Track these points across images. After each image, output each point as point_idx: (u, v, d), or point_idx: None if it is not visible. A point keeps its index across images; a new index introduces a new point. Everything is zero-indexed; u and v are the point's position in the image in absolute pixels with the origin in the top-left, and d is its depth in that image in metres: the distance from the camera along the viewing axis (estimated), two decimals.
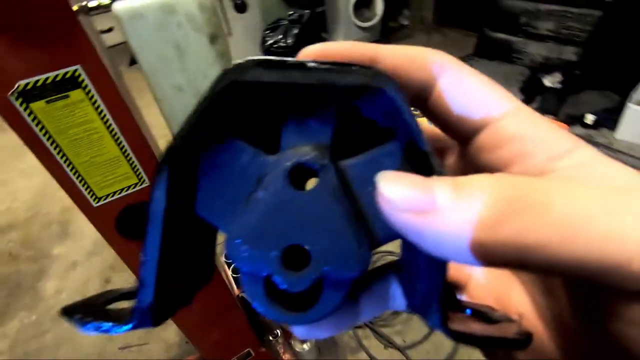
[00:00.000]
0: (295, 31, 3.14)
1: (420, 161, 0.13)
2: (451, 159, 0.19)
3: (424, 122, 0.14)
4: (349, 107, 0.15)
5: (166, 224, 0.14)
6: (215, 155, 0.15)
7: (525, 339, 0.13)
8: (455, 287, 0.18)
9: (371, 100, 0.14)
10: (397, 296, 0.17)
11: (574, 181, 0.12)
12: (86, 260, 2.05)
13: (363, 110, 0.15)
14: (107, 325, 0.14)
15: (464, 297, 0.18)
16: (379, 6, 3.41)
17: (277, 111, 0.15)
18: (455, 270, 0.19)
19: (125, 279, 1.87)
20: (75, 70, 0.54)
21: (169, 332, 1.61)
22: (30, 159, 0.60)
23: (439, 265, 0.13)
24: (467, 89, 0.15)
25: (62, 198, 0.69)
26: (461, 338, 0.13)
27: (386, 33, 3.77)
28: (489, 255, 0.10)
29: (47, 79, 0.53)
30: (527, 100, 2.48)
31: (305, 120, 0.15)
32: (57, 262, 2.07)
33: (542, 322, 0.15)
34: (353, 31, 3.55)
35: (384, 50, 0.15)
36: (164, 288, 0.15)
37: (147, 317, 0.14)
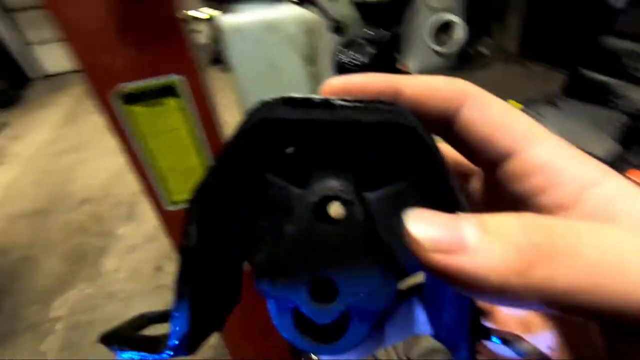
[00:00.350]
0: (370, 50, 3.14)
1: (445, 195, 0.13)
2: (475, 184, 0.19)
3: (446, 147, 0.15)
4: (373, 142, 0.15)
5: (199, 256, 0.15)
6: (245, 188, 0.16)
7: None
8: (482, 313, 0.17)
9: (395, 136, 0.14)
10: (421, 320, 0.18)
11: (605, 223, 0.12)
12: (144, 244, 2.17)
13: (387, 145, 0.15)
14: (145, 355, 0.15)
15: (490, 323, 0.18)
16: (460, 32, 3.30)
17: (304, 145, 0.16)
18: None
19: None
20: (176, 80, 0.55)
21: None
22: (112, 142, 0.62)
23: (467, 301, 0.13)
24: (492, 117, 0.15)
25: (133, 183, 0.72)
26: None
27: (463, 60, 3.63)
28: (518, 298, 0.10)
29: (150, 85, 0.54)
30: (623, 150, 2.21)
31: (330, 154, 0.15)
32: (119, 242, 2.22)
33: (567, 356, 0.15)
34: (428, 55, 3.46)
35: (407, 80, 0.15)
36: (197, 317, 0.15)
37: (183, 347, 0.15)
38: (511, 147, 0.14)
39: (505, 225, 0.11)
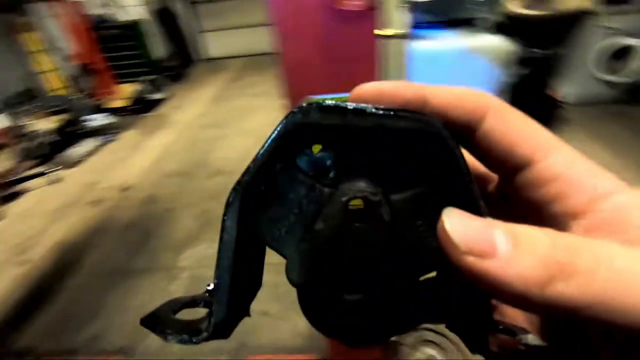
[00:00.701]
0: (521, 71, 2.84)
1: (467, 201, 0.14)
2: (490, 188, 0.20)
3: (465, 153, 0.16)
4: (400, 147, 0.16)
5: (236, 249, 0.16)
6: (276, 186, 0.17)
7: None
8: (492, 307, 0.17)
9: (422, 143, 0.15)
10: (435, 311, 0.19)
11: (620, 247, 0.12)
12: None
13: (413, 150, 0.16)
14: (187, 338, 0.16)
15: (498, 317, 0.18)
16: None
17: (335, 146, 0.16)
18: None
19: None
20: None
21: (303, 321, 1.69)
22: (250, 123, 0.68)
23: (485, 299, 0.15)
24: (513, 128, 0.16)
25: None
26: None
27: (636, 94, 3.01)
28: (534, 306, 0.11)
29: (332, 99, 0.58)
30: None
31: (360, 156, 0.16)
32: None
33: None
34: (591, 84, 2.97)
35: (433, 90, 0.16)
36: (232, 304, 0.16)
37: (221, 330, 0.16)
38: (530, 156, 0.15)
39: (534, 238, 0.12)
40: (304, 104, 0.15)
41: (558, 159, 0.15)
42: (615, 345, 0.12)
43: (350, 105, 0.15)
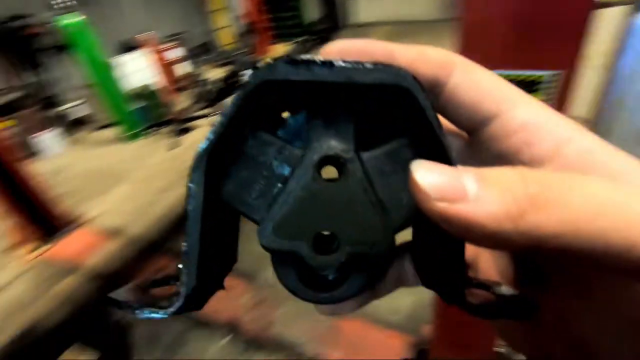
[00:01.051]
0: None
1: (438, 154, 0.14)
2: (460, 147, 0.19)
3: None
4: (371, 102, 0.16)
5: (204, 216, 0.15)
6: (245, 148, 0.16)
7: (531, 309, 0.15)
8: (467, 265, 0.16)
9: (393, 96, 0.15)
10: (410, 273, 0.20)
11: (590, 176, 0.13)
12: None
13: (384, 105, 0.15)
14: (155, 311, 0.15)
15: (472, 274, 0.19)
16: None
17: (304, 106, 0.16)
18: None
19: None
20: (545, 75, 0.50)
21: (404, 300, 1.69)
22: None
23: (458, 247, 0.15)
24: (479, 83, 0.16)
25: None
26: (476, 311, 0.15)
27: None
28: (509, 242, 0.12)
29: (514, 76, 0.51)
30: None
31: (330, 114, 0.16)
32: None
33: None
34: None
35: (399, 48, 0.16)
36: (203, 275, 0.16)
37: (193, 301, 0.16)
38: (495, 109, 0.16)
39: (503, 177, 0.12)
40: (269, 60, 0.14)
41: (523, 110, 0.15)
42: (577, 285, 0.14)
43: (318, 59, 0.14)
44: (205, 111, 4.42)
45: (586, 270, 0.14)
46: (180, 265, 0.15)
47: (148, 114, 4.24)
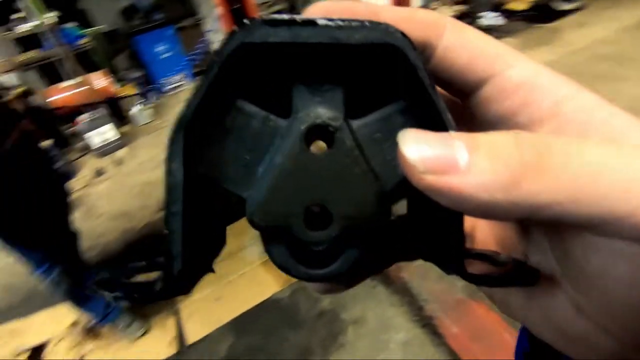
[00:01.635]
0: None
1: (433, 117, 0.13)
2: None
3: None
4: (359, 65, 0.15)
5: (185, 194, 0.14)
6: (226, 121, 0.15)
7: (534, 276, 0.14)
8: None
9: (383, 57, 0.14)
10: (407, 247, 0.19)
11: (582, 135, 0.13)
12: None
13: (374, 67, 0.15)
14: (140, 296, 0.15)
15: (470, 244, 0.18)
16: None
17: (288, 72, 0.15)
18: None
19: None
20: None
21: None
22: None
23: (456, 218, 0.14)
24: (470, 44, 0.15)
25: None
26: (477, 280, 0.15)
27: None
28: (503, 213, 0.11)
29: None
30: None
31: (316, 81, 0.15)
32: None
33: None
34: None
35: (386, 8, 0.16)
36: (189, 257, 0.15)
37: (179, 285, 0.15)
38: (490, 70, 0.15)
39: (497, 143, 0.11)
40: (246, 21, 0.13)
41: (519, 68, 0.15)
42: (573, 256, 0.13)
43: (299, 18, 0.13)
44: None
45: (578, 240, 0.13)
46: (163, 248, 0.14)
47: None
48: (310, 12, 0.15)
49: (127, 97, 3.81)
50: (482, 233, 0.19)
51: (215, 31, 2.87)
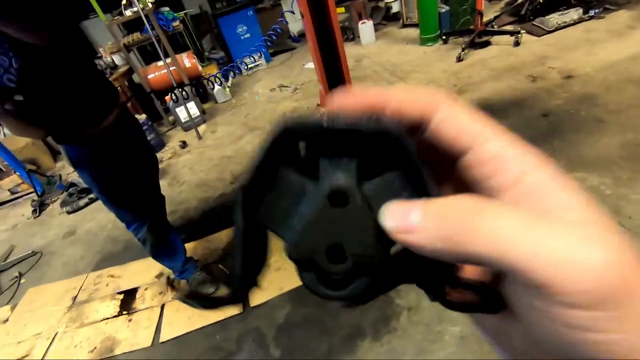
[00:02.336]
0: None
1: (419, 184, 0.18)
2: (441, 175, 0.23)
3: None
4: (369, 144, 0.19)
5: (245, 234, 0.21)
6: (274, 182, 0.21)
7: (497, 306, 0.19)
8: (456, 267, 0.20)
9: (386, 140, 0.19)
10: (406, 274, 0.23)
11: (510, 208, 0.16)
12: None
13: (380, 146, 0.19)
14: (215, 304, 0.22)
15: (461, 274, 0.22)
16: None
17: (317, 149, 0.20)
18: None
19: None
20: None
21: None
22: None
23: (442, 263, 0.18)
24: (458, 120, 0.19)
25: None
26: (454, 307, 0.20)
27: None
28: (448, 257, 0.16)
29: None
30: None
31: (337, 154, 0.20)
32: None
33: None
34: None
35: (393, 91, 0.20)
36: (246, 277, 0.22)
37: (238, 297, 0.22)
38: (470, 142, 0.18)
39: (443, 207, 0.16)
40: (288, 117, 0.19)
41: (495, 143, 0.18)
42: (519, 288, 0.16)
43: (325, 121, 0.19)
44: (510, 27, 3.89)
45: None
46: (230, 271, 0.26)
47: (453, 20, 4.16)
48: (331, 104, 0.21)
49: (210, 76, 4.10)
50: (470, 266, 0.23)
51: (291, 12, 2.92)
